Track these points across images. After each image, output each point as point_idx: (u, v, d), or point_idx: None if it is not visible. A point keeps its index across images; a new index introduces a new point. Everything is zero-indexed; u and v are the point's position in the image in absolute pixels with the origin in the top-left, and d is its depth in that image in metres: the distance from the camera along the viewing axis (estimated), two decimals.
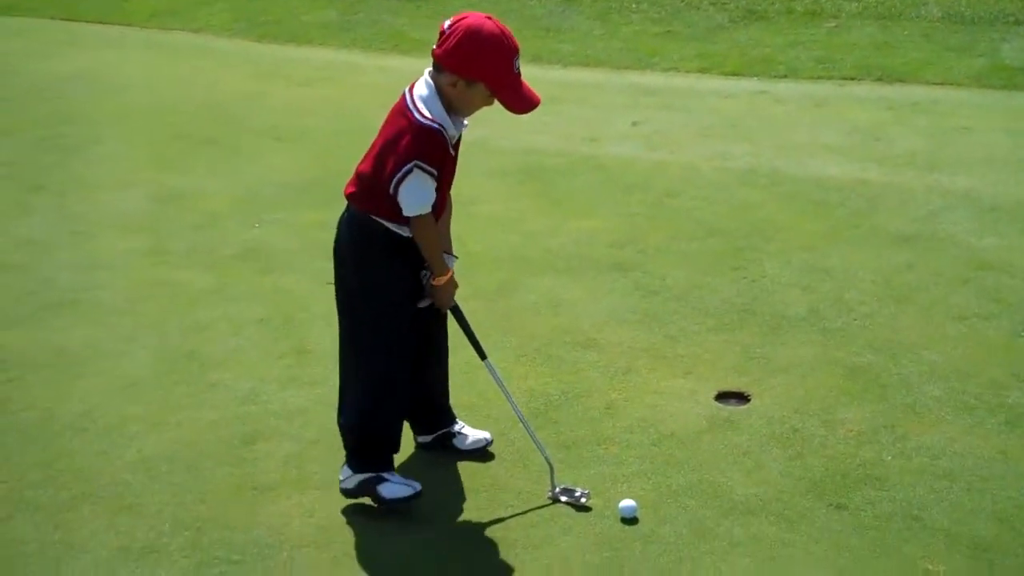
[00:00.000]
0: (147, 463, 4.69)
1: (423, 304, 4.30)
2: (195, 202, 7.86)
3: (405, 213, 4.02)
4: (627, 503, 4.29)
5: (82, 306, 6.20)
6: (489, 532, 4.23)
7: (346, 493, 4.40)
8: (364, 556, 4.12)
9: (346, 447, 4.42)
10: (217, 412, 5.06)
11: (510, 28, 3.96)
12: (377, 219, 4.10)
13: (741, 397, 5.14)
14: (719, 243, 6.86)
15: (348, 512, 4.35)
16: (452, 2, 13.26)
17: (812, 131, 9.18)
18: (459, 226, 4.57)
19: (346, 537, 4.22)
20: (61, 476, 4.59)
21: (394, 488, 4.34)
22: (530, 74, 4.10)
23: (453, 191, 4.31)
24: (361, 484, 4.36)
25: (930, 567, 3.96)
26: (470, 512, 4.37)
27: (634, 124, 9.48)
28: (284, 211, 7.60)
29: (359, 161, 4.19)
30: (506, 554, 4.10)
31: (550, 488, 4.43)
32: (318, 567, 4.04)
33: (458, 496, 4.47)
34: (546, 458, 4.44)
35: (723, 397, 5.14)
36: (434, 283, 4.22)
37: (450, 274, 4.24)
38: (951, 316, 5.83)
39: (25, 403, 5.17)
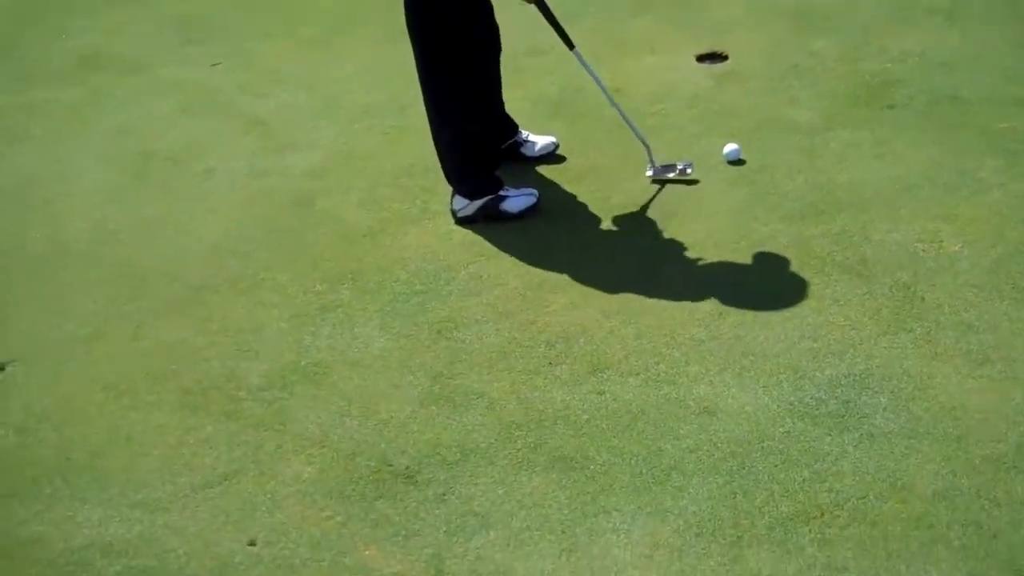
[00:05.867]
0: None
1: None
2: None
3: None
4: (731, 147, 4.53)
5: None
6: (621, 209, 4.36)
7: (466, 221, 4.36)
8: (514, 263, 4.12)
9: (448, 177, 4.39)
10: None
11: None
12: None
13: (716, 56, 5.48)
14: None
15: (476, 230, 4.33)
16: None
17: None
18: None
19: (491, 248, 4.21)
20: None
21: (517, 201, 4.36)
22: None
23: None
24: (481, 209, 4.34)
25: None
26: (589, 196, 4.46)
27: None
28: None
29: None
30: (648, 225, 4.23)
31: (650, 168, 4.49)
32: (493, 280, 4.04)
33: (567, 190, 4.53)
34: (641, 139, 4.48)
35: (703, 59, 5.46)
36: None
37: None
38: None
39: None
